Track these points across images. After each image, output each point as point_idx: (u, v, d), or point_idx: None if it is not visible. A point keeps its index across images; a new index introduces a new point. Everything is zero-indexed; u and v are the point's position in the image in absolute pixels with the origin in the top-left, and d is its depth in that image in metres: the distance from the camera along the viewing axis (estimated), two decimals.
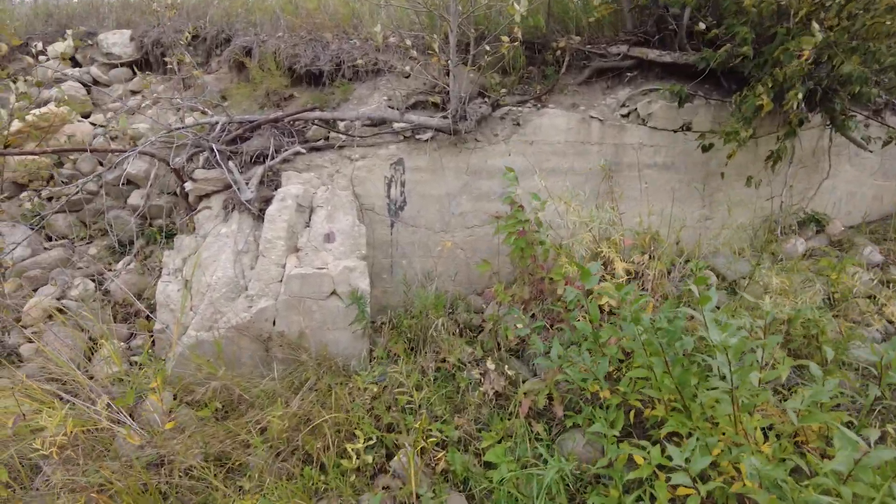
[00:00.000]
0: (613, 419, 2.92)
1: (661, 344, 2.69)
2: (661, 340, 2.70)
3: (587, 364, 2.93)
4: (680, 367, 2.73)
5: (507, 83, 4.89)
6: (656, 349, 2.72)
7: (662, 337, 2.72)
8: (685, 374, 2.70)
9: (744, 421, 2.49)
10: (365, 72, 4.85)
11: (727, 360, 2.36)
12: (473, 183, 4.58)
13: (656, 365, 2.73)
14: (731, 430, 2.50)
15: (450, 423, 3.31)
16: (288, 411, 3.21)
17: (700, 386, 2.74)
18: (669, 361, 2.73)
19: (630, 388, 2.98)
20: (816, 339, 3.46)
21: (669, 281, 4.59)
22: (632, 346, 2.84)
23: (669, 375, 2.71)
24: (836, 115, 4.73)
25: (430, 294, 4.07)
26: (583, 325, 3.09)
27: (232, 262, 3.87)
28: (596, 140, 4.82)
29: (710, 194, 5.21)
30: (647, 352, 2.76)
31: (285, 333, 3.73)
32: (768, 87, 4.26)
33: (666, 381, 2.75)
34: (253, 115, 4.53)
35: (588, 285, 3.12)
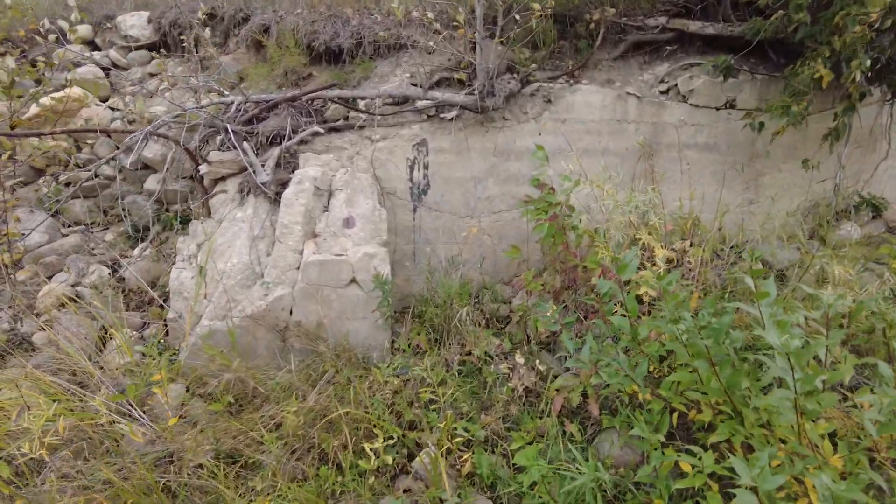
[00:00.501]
0: (657, 422, 2.65)
1: (706, 346, 2.40)
2: (705, 341, 2.40)
3: (624, 366, 2.66)
4: (729, 368, 2.43)
5: (536, 58, 4.58)
6: (700, 350, 2.43)
7: (707, 336, 2.43)
8: (735, 375, 2.40)
9: (808, 429, 2.19)
10: (386, 48, 4.60)
11: (789, 365, 2.06)
12: (501, 165, 4.31)
13: (701, 367, 2.44)
14: (793, 439, 2.21)
15: (476, 422, 3.08)
16: (304, 406, 3.02)
17: (753, 388, 2.45)
18: (716, 361, 2.44)
19: (672, 391, 2.70)
20: (884, 334, 3.12)
21: (712, 269, 4.28)
22: (673, 347, 2.56)
23: (717, 377, 2.42)
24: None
25: (455, 282, 3.82)
26: (619, 319, 2.81)
27: (247, 248, 3.69)
28: (633, 118, 4.50)
29: (755, 177, 4.85)
30: (691, 352, 2.48)
31: (302, 323, 3.54)
32: (825, 57, 3.88)
33: (713, 384, 2.46)
34: (269, 95, 4.32)
35: (625, 276, 2.85)
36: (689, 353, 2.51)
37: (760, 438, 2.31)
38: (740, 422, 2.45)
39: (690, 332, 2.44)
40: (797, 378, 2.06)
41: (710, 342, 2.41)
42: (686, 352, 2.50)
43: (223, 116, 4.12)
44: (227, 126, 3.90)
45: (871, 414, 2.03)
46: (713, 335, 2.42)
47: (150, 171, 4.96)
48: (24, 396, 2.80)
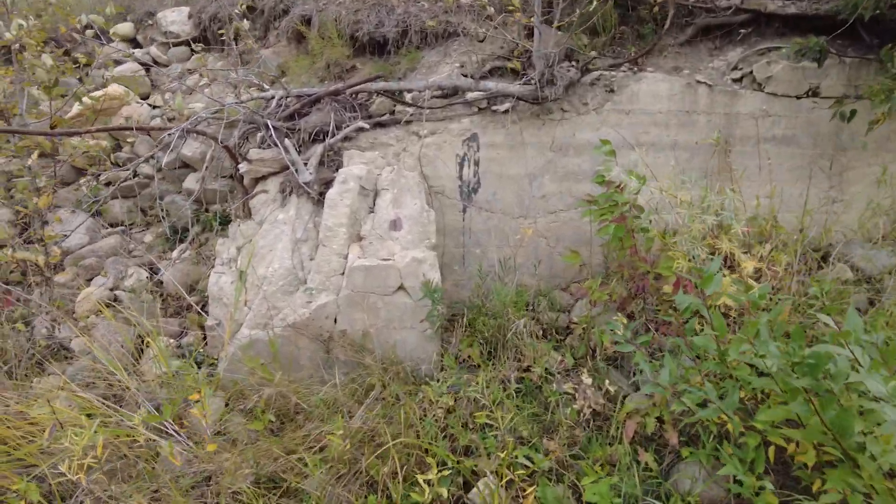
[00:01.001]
0: (752, 459, 2.28)
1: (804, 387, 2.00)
2: (801, 381, 1.99)
3: (712, 396, 2.30)
4: (836, 408, 2.02)
5: (596, 45, 4.22)
6: (791, 386, 2.05)
7: (802, 373, 2.03)
8: (843, 416, 1.99)
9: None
10: (434, 36, 4.31)
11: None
12: (558, 160, 3.97)
13: (799, 409, 2.05)
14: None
15: (538, 448, 2.77)
16: (350, 427, 2.77)
17: (868, 429, 2.03)
18: (818, 399, 2.04)
19: (769, 425, 2.31)
20: None
21: (795, 276, 3.85)
22: (763, 385, 2.18)
23: (819, 418, 2.02)
24: None
25: (510, 289, 3.51)
26: (703, 339, 2.44)
27: (289, 252, 3.46)
28: (703, 109, 4.09)
29: (840, 172, 4.37)
30: (783, 389, 2.10)
31: (347, 332, 3.29)
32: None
33: (815, 424, 2.06)
34: (311, 89, 4.08)
35: (709, 290, 2.49)
36: (782, 389, 2.14)
37: (886, 495, 1.92)
38: (854, 468, 2.06)
39: (782, 372, 2.06)
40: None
41: (807, 381, 2.02)
42: (779, 388, 2.13)
43: (263, 112, 3.90)
44: (267, 122, 3.68)
45: None
46: (810, 372, 2.03)
47: (190, 169, 4.80)
48: (57, 412, 2.63)
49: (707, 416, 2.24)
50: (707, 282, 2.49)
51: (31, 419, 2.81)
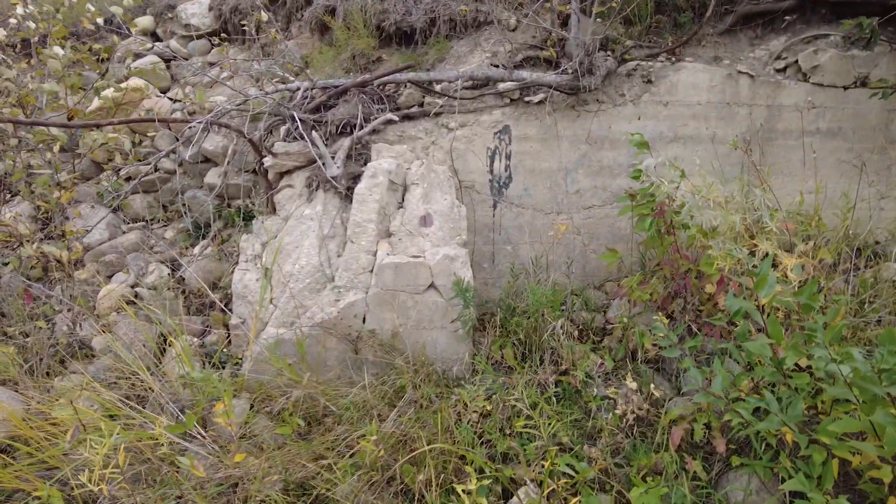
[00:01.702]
0: (819, 475, 2.11)
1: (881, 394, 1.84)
2: (890, 388, 1.83)
3: (772, 407, 2.14)
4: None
5: (632, 34, 4.06)
6: (881, 399, 1.88)
7: (891, 381, 1.86)
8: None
9: None
10: (463, 26, 4.17)
11: None
12: (593, 154, 3.82)
13: (885, 420, 1.88)
14: None
15: (581, 456, 2.63)
16: (383, 432, 2.64)
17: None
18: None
19: (835, 438, 2.14)
20: None
21: (840, 274, 3.67)
22: (837, 393, 2.01)
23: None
24: None
25: (547, 288, 3.36)
26: (758, 346, 2.28)
27: (316, 249, 3.35)
28: (745, 100, 3.91)
29: (888, 167, 4.17)
30: (863, 398, 1.93)
31: (377, 332, 3.17)
32: None
33: (891, 435, 1.90)
34: (338, 80, 3.96)
35: (763, 294, 2.33)
36: (861, 399, 1.97)
37: None
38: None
39: (867, 379, 1.89)
40: None
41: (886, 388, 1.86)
42: (856, 397, 1.96)
43: (289, 104, 3.78)
44: (293, 114, 3.56)
45: None
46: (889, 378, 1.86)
47: (211, 164, 4.70)
48: (80, 413, 2.53)
49: (766, 428, 2.08)
50: (761, 284, 2.34)
51: (53, 419, 2.73)
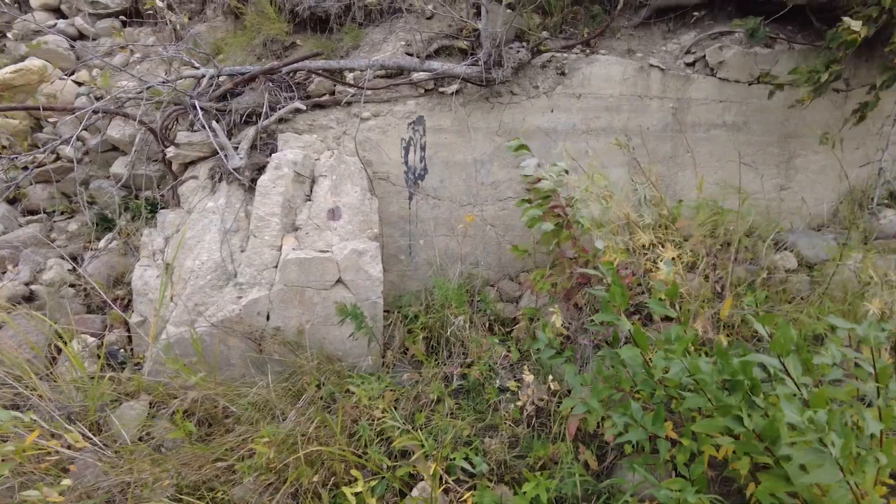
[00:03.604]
0: (694, 477, 2.18)
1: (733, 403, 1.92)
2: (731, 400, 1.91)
3: (637, 417, 2.20)
4: (762, 417, 1.94)
5: (548, 25, 4.06)
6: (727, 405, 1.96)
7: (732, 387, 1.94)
8: (772, 426, 1.90)
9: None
10: (379, 13, 4.08)
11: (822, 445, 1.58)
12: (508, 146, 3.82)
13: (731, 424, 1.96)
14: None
15: (479, 449, 2.66)
16: (280, 432, 2.60)
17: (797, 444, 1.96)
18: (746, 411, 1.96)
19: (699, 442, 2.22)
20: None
21: (740, 264, 3.83)
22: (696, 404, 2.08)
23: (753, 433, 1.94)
24: None
25: (453, 281, 3.37)
26: (630, 353, 2.32)
27: (218, 244, 3.23)
28: (656, 93, 3.99)
29: (788, 159, 4.36)
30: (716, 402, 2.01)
31: (281, 329, 3.10)
32: (871, 18, 3.40)
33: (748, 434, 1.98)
34: (245, 67, 3.81)
35: (623, 305, 2.39)
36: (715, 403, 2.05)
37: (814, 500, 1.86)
38: (785, 476, 2.00)
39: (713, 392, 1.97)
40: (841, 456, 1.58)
41: (736, 399, 1.94)
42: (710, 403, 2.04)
43: (193, 92, 3.62)
44: (194, 103, 3.41)
45: None
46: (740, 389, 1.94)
47: (119, 152, 4.47)
48: None
49: (634, 439, 2.14)
50: (617, 297, 2.39)
51: None
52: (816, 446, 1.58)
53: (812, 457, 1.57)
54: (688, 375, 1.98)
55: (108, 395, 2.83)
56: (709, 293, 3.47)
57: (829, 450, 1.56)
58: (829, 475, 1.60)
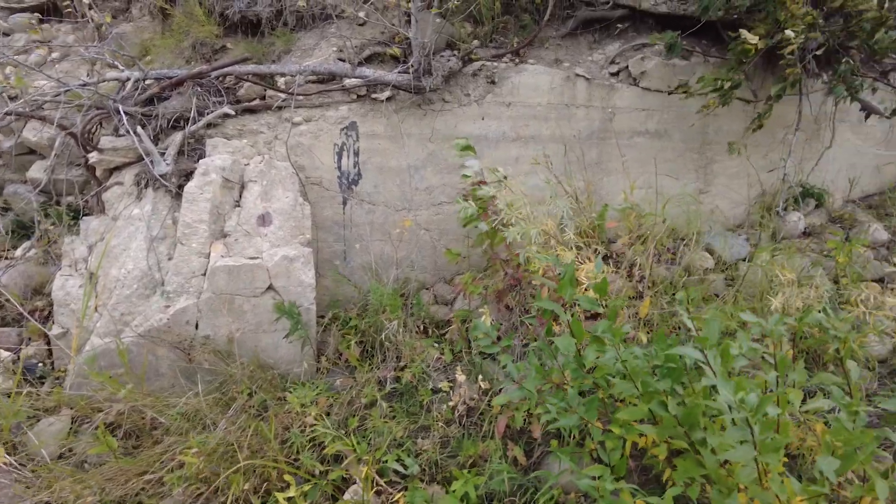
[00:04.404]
0: (615, 464, 2.32)
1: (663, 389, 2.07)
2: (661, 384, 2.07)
3: (573, 403, 2.32)
4: (679, 405, 2.11)
5: (479, 34, 4.17)
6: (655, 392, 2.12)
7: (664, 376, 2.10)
8: (690, 412, 2.08)
9: (770, 481, 1.91)
10: (311, 17, 4.07)
11: (748, 425, 1.75)
12: (441, 152, 3.90)
13: (656, 410, 2.12)
14: (755, 489, 1.93)
15: (411, 450, 2.73)
16: (208, 442, 2.58)
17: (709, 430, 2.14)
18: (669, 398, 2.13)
19: (625, 430, 2.37)
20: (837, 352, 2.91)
21: (661, 264, 4.06)
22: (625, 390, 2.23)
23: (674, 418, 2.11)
24: (843, 75, 4.15)
25: (387, 286, 3.42)
26: (564, 341, 2.44)
27: (145, 252, 3.16)
28: (582, 102, 4.17)
29: (706, 165, 4.65)
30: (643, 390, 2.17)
31: (211, 338, 3.07)
32: (764, 31, 3.70)
33: (668, 420, 2.15)
34: (173, 70, 3.73)
35: (568, 297, 2.52)
36: (642, 391, 2.20)
37: (721, 481, 2.03)
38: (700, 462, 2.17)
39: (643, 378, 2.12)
40: (759, 438, 1.75)
41: (667, 384, 2.10)
42: (637, 390, 2.19)
43: (117, 96, 3.51)
44: (118, 107, 3.31)
45: (826, 465, 1.78)
46: (669, 375, 2.11)
47: (37, 156, 4.27)
48: None
49: (568, 425, 2.26)
50: (564, 287, 2.51)
51: None
52: (741, 426, 1.72)
53: (736, 435, 1.71)
54: (620, 362, 2.11)
55: (25, 412, 2.73)
56: (631, 292, 3.67)
57: (750, 430, 1.71)
58: (744, 454, 1.76)
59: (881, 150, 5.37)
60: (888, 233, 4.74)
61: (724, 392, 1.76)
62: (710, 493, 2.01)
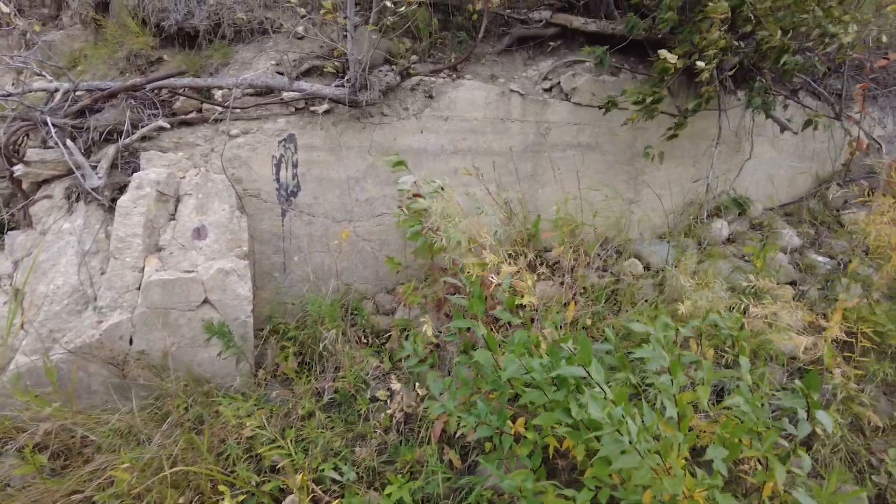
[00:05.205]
0: (535, 467, 2.45)
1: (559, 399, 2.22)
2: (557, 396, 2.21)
3: (483, 416, 2.44)
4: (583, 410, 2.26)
5: (417, 49, 4.29)
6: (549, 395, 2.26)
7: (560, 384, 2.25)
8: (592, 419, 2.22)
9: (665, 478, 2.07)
10: (249, 31, 4.09)
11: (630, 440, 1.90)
12: (381, 164, 3.98)
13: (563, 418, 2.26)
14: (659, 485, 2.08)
15: (348, 459, 2.78)
16: (143, 456, 2.56)
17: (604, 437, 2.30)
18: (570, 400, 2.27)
19: (541, 435, 2.50)
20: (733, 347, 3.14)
21: (594, 271, 4.25)
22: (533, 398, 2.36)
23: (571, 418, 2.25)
24: (760, 93, 4.48)
25: (326, 297, 3.46)
26: (483, 356, 2.55)
27: (76, 267, 3.10)
28: (517, 117, 4.33)
29: (636, 176, 4.89)
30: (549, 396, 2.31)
31: (146, 353, 3.04)
32: (684, 53, 3.97)
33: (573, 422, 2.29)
34: (107, 82, 3.68)
35: (478, 313, 2.64)
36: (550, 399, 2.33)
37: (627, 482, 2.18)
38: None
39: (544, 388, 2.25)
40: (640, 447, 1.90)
41: (561, 394, 2.24)
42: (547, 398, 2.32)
43: (44, 107, 3.44)
44: (46, 119, 3.25)
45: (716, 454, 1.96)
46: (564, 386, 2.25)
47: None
48: None
49: (482, 435, 2.38)
50: (474, 305, 2.63)
51: None
52: (617, 437, 1.86)
53: (613, 447, 1.85)
54: (525, 373, 2.23)
55: None
56: (563, 297, 3.83)
57: (626, 438, 1.85)
58: (629, 461, 1.90)
59: (795, 162, 5.78)
60: (800, 239, 5.11)
61: (593, 410, 1.90)
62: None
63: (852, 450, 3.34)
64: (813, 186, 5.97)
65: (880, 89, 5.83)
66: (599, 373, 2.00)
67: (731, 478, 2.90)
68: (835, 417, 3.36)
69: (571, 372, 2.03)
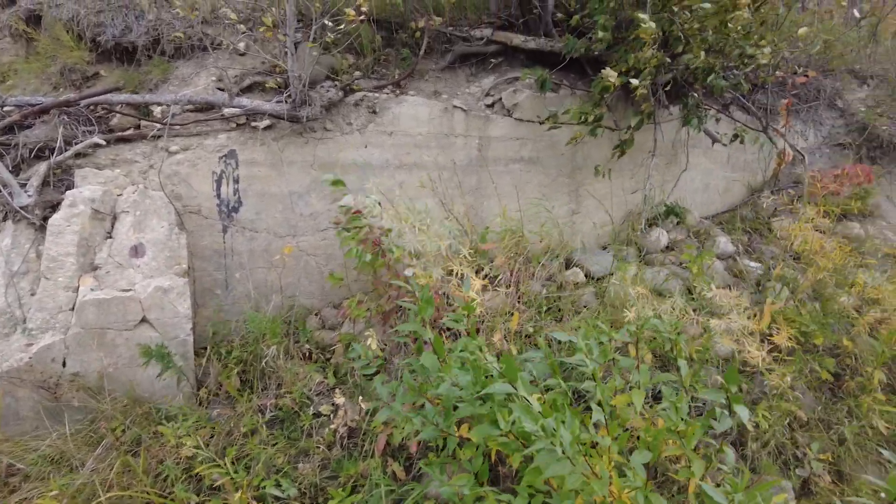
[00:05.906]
0: (478, 471, 2.51)
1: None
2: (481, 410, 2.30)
3: (431, 418, 2.49)
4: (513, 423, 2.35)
5: (361, 66, 4.34)
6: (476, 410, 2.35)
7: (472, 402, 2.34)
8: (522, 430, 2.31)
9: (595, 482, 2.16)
10: (190, 47, 4.06)
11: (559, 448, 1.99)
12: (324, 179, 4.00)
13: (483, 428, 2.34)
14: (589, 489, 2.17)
15: (291, 475, 2.77)
16: (74, 482, 2.49)
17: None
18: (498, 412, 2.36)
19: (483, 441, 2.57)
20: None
21: (536, 280, 4.36)
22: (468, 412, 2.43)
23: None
24: (691, 108, 4.73)
25: (266, 314, 3.45)
26: (429, 361, 2.61)
27: (3, 288, 3.01)
28: (460, 132, 4.43)
29: (577, 188, 5.06)
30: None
31: (80, 375, 2.96)
32: (622, 72, 4.15)
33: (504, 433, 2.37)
34: (36, 97, 3.59)
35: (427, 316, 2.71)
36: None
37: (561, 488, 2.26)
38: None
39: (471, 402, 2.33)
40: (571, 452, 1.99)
41: (486, 408, 2.32)
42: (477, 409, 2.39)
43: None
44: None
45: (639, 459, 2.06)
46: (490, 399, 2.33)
47: None
48: None
49: (427, 437, 2.42)
50: (424, 309, 2.69)
51: None
52: (549, 447, 1.94)
53: (546, 457, 1.93)
54: (458, 391, 2.29)
55: None
56: (508, 307, 3.93)
57: (559, 449, 1.92)
58: (561, 468, 1.97)
59: (727, 171, 6.08)
60: (734, 245, 5.37)
61: (526, 423, 1.98)
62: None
63: (781, 443, 3.54)
64: (746, 195, 6.30)
65: (802, 104, 6.21)
66: (526, 388, 2.08)
67: (666, 477, 3.04)
68: (764, 414, 3.55)
69: (499, 389, 2.10)
